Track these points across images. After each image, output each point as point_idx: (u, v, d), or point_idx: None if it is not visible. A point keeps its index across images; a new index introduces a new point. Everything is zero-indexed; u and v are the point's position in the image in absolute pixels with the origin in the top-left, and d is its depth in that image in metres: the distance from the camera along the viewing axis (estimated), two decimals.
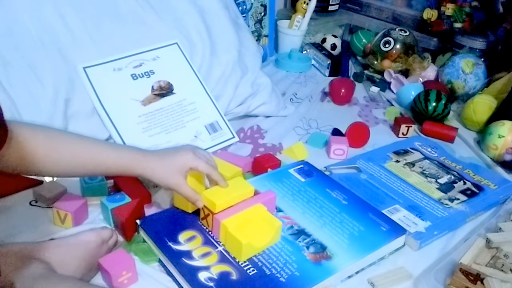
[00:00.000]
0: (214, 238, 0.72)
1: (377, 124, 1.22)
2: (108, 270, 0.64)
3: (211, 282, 0.64)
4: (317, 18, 1.62)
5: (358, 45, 1.60)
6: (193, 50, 1.11)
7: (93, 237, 0.68)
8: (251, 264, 0.68)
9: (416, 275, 0.73)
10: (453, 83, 1.33)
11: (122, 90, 0.98)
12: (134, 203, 0.76)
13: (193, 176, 0.74)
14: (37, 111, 0.87)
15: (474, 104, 1.20)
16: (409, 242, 0.79)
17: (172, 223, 0.75)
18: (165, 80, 1.03)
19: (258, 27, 1.51)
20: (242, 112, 1.15)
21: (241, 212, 0.72)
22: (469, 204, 0.89)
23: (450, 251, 0.78)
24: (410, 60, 1.42)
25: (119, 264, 0.65)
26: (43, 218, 0.78)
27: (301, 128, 1.16)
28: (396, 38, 1.43)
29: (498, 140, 1.06)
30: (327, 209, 0.81)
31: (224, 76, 1.12)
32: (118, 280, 0.65)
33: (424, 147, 1.09)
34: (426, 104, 1.18)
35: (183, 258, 0.68)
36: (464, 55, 1.36)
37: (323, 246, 0.73)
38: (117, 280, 0.65)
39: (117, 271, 0.64)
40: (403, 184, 0.94)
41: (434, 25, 1.48)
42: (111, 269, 0.64)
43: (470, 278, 0.70)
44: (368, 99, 1.36)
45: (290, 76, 1.45)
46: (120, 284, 0.65)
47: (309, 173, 0.91)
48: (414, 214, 0.85)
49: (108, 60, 0.99)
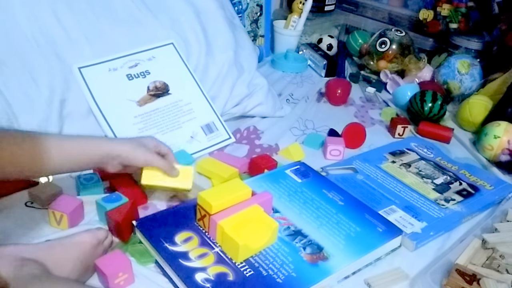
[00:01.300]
0: (211, 239, 0.72)
1: (373, 125, 1.22)
2: (104, 271, 0.64)
3: (208, 283, 0.64)
4: (313, 18, 1.62)
5: (354, 46, 1.60)
6: (189, 50, 1.11)
7: (89, 238, 0.68)
8: (248, 265, 0.68)
9: (412, 276, 0.74)
10: (449, 84, 1.33)
11: (117, 91, 0.98)
12: (129, 204, 0.76)
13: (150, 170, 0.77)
14: (32, 112, 0.86)
15: (470, 105, 1.20)
16: (405, 243, 0.79)
17: (169, 224, 0.74)
18: (161, 81, 1.03)
19: (254, 27, 1.51)
20: (238, 112, 1.15)
21: (238, 213, 0.72)
22: (465, 205, 0.90)
23: (446, 252, 0.79)
24: (406, 60, 1.42)
25: (116, 265, 0.65)
26: (39, 219, 0.77)
27: (298, 128, 1.16)
28: (392, 38, 1.44)
29: (493, 140, 1.06)
30: (323, 210, 0.81)
31: (220, 77, 1.12)
32: (114, 281, 0.64)
33: (420, 147, 1.09)
34: (422, 105, 1.18)
35: (180, 259, 0.68)
36: (460, 56, 1.37)
37: (319, 247, 0.73)
38: (114, 281, 0.64)
39: (113, 272, 0.64)
40: (399, 184, 0.94)
41: (430, 25, 1.48)
42: (107, 270, 0.64)
43: (466, 279, 0.70)
44: (364, 99, 1.36)
45: (286, 76, 1.45)
46: (117, 285, 0.65)
47: (305, 174, 0.91)
48: (410, 214, 0.85)
49: (103, 60, 0.98)
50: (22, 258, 0.60)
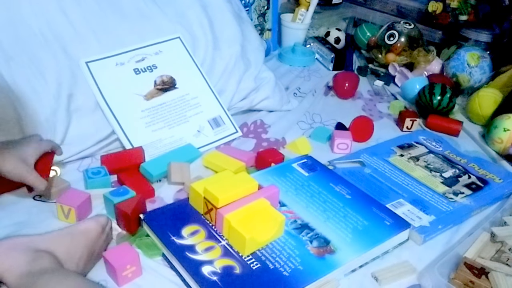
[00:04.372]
0: (218, 233, 0.72)
1: (381, 118, 1.21)
2: (113, 263, 0.64)
3: (214, 276, 0.64)
4: (321, 11, 1.61)
5: (362, 39, 1.59)
6: (196, 44, 1.10)
7: (94, 225, 0.69)
8: (255, 258, 0.68)
9: (420, 269, 0.73)
10: (458, 76, 1.32)
11: (124, 85, 0.98)
12: (137, 197, 0.76)
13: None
14: (40, 106, 0.87)
15: (479, 98, 1.19)
16: (413, 236, 0.79)
17: (176, 218, 0.75)
18: (168, 75, 1.03)
19: (261, 20, 1.50)
20: (245, 106, 1.15)
21: (245, 207, 0.72)
22: (474, 198, 0.89)
23: (454, 245, 0.78)
24: (415, 53, 1.41)
25: (124, 257, 0.65)
26: (47, 213, 0.78)
27: (305, 122, 1.16)
28: (401, 31, 1.42)
29: (503, 133, 1.05)
30: (330, 204, 0.81)
31: (227, 71, 1.12)
32: (122, 273, 0.65)
33: (428, 141, 1.08)
34: (430, 98, 1.17)
35: (187, 252, 0.68)
36: (470, 48, 1.35)
37: (326, 240, 0.73)
38: (122, 273, 0.65)
39: (122, 265, 0.65)
40: (407, 178, 0.94)
41: (439, 17, 1.47)
42: (116, 263, 0.64)
43: (475, 272, 0.69)
44: (372, 93, 1.35)
45: (294, 70, 1.45)
46: (124, 277, 0.65)
47: (312, 168, 0.91)
48: (418, 208, 0.85)
49: (110, 55, 0.99)
50: (36, 249, 0.62)
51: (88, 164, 0.91)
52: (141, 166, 0.88)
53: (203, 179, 0.79)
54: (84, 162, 0.92)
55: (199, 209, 0.76)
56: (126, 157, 0.90)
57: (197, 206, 0.76)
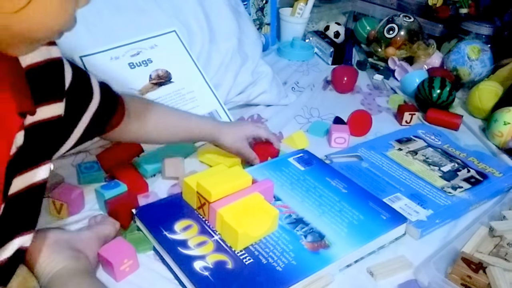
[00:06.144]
0: (210, 227, 0.71)
1: (380, 112, 1.20)
2: (110, 259, 0.63)
3: (206, 271, 0.63)
4: (320, 5, 1.60)
5: (362, 33, 1.57)
6: (192, 38, 1.09)
7: (113, 231, 0.69)
8: (247, 253, 0.67)
9: (416, 264, 0.72)
10: (459, 70, 1.30)
11: (119, 79, 0.97)
12: (128, 192, 0.75)
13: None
14: None
15: (479, 91, 1.18)
16: (410, 231, 0.78)
17: (168, 212, 0.74)
18: (163, 69, 1.02)
19: (259, 15, 1.49)
20: (242, 101, 1.14)
21: (238, 201, 0.71)
22: (473, 192, 0.87)
23: (451, 240, 0.77)
24: (415, 47, 1.39)
25: (120, 252, 0.65)
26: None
27: (302, 116, 1.14)
28: (401, 24, 1.41)
29: (503, 127, 1.03)
30: (326, 198, 0.80)
31: (223, 65, 1.11)
32: (120, 268, 0.64)
33: (427, 135, 1.07)
34: (430, 91, 1.16)
35: (179, 247, 0.67)
36: (470, 41, 1.33)
37: (321, 234, 0.71)
38: (119, 268, 0.64)
39: (119, 260, 0.64)
40: (405, 172, 0.92)
41: (439, 11, 1.45)
42: (113, 258, 0.63)
43: (472, 267, 0.68)
44: (372, 87, 1.34)
45: (293, 64, 1.43)
46: (122, 272, 0.65)
47: (308, 162, 0.90)
48: (415, 202, 0.83)
49: (105, 49, 0.97)
50: (78, 249, 0.62)
51: (82, 159, 0.90)
52: (136, 161, 0.87)
53: (197, 174, 0.78)
54: (78, 157, 0.91)
55: (192, 204, 0.75)
56: (122, 150, 0.89)
57: (190, 200, 0.75)
